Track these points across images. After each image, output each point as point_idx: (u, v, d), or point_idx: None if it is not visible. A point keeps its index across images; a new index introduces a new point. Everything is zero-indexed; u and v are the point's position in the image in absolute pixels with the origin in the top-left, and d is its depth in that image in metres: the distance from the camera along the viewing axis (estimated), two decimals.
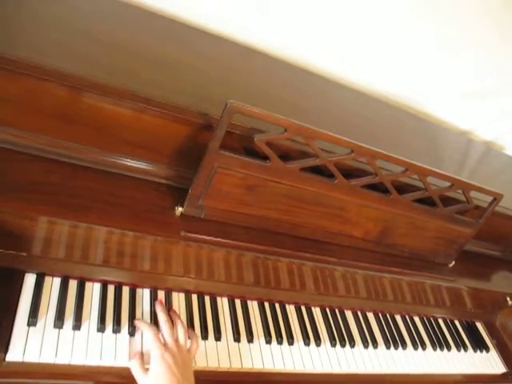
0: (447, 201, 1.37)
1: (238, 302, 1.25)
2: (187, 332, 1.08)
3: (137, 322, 1.06)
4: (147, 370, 0.98)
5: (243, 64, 1.55)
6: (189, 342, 1.07)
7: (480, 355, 1.60)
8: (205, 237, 1.11)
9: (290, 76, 1.64)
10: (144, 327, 1.05)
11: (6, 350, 0.91)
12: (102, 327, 1.03)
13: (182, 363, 1.00)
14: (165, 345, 1.01)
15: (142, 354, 1.01)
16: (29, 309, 0.98)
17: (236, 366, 1.13)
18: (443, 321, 1.63)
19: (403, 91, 1.95)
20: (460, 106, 2.05)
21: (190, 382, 0.99)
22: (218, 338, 1.15)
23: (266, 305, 1.29)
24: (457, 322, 1.66)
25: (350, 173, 1.21)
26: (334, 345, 1.31)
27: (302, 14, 1.64)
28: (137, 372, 0.98)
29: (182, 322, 1.08)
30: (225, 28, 1.62)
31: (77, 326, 1.00)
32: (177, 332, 1.05)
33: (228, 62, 1.49)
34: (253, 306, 1.27)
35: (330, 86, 1.76)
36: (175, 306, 1.15)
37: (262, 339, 1.21)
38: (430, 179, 1.27)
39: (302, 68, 1.73)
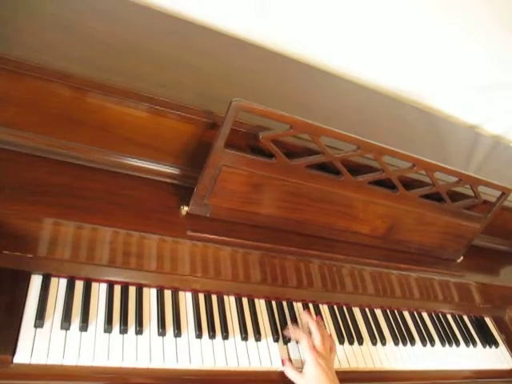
0: (455, 196, 1.35)
1: (245, 301, 1.25)
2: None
3: (291, 329, 1.22)
4: (301, 371, 1.13)
5: (247, 61, 1.54)
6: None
7: (489, 350, 1.59)
8: (211, 236, 1.10)
9: (295, 72, 1.63)
10: (298, 334, 1.19)
11: (13, 352, 0.91)
12: (108, 328, 1.02)
13: (330, 365, 1.15)
14: (316, 349, 1.14)
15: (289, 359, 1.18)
16: (35, 310, 0.98)
17: (243, 364, 1.12)
18: (452, 316, 1.62)
19: (410, 85, 1.93)
20: (468, 99, 2.02)
21: (336, 380, 1.12)
22: (225, 337, 1.14)
23: (274, 303, 1.29)
24: (465, 318, 1.64)
25: (356, 169, 1.20)
26: (342, 342, 1.31)
27: (305, 8, 1.62)
28: (292, 375, 1.13)
29: (320, 327, 1.22)
30: (228, 25, 1.60)
31: (84, 327, 1.00)
32: (320, 337, 1.18)
33: (232, 60, 1.47)
34: (260, 305, 1.27)
35: (334, 82, 1.74)
36: (182, 306, 1.15)
37: (270, 337, 1.21)
38: (437, 174, 1.25)
39: (307, 64, 1.72)
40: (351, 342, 1.32)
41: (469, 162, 1.70)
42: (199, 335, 1.11)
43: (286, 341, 1.22)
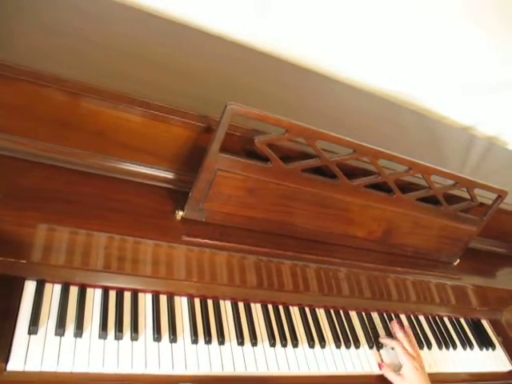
0: (451, 199, 1.35)
1: (241, 305, 1.24)
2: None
3: (383, 340, 1.37)
4: (399, 374, 1.28)
5: (243, 65, 1.53)
6: None
7: (486, 353, 1.59)
8: (206, 240, 1.10)
9: (290, 75, 1.63)
10: (392, 343, 1.35)
11: (6, 360, 0.90)
12: (103, 334, 1.01)
13: (423, 366, 1.29)
14: (410, 354, 1.29)
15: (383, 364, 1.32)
16: (29, 317, 0.97)
17: (240, 370, 1.12)
18: (448, 319, 1.61)
19: (403, 87, 1.93)
20: (462, 101, 2.03)
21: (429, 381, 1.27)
22: (221, 342, 1.13)
23: (270, 307, 1.28)
24: (462, 320, 1.64)
25: (352, 173, 1.20)
26: (338, 346, 1.30)
27: (302, 11, 1.62)
28: (394, 378, 1.27)
29: (409, 335, 1.37)
30: (224, 28, 1.60)
31: (78, 333, 0.99)
32: (410, 343, 1.33)
33: (227, 63, 1.47)
34: (256, 309, 1.26)
35: (328, 84, 1.74)
36: (178, 311, 1.14)
37: (266, 342, 1.20)
38: (433, 177, 1.25)
39: (302, 67, 1.71)
40: (348, 346, 1.31)
41: (464, 164, 1.71)
42: (195, 340, 1.10)
43: (284, 344, 1.21)
